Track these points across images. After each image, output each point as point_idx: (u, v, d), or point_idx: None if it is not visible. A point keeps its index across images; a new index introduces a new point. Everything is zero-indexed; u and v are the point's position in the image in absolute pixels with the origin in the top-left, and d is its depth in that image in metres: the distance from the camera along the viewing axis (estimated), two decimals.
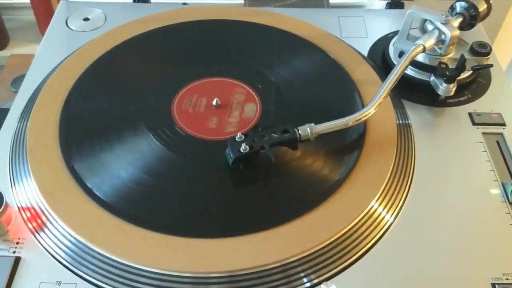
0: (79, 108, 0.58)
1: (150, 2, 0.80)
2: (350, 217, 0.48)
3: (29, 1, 1.16)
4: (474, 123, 0.59)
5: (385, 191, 0.51)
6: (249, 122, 0.57)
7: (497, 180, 0.53)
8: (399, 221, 0.50)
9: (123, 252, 0.45)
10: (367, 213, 0.49)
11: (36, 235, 0.48)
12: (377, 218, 0.49)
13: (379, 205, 0.50)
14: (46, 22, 0.73)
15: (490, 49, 0.62)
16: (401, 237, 0.49)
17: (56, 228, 0.47)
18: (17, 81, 0.84)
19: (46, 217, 0.48)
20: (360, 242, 0.48)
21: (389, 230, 0.49)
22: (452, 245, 0.48)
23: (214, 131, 0.55)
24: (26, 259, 0.46)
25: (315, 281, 0.45)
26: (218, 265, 0.45)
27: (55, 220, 0.48)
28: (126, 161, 0.52)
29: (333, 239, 0.47)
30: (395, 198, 0.51)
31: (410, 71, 0.62)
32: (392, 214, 0.50)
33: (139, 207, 0.49)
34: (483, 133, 0.58)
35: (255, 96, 0.59)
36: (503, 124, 0.59)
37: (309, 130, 0.51)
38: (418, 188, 0.53)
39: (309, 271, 0.45)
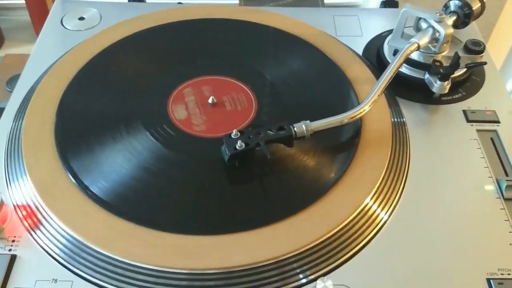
0: (74, 106, 0.57)
1: (145, 2, 0.80)
2: (345, 214, 0.48)
3: (24, 2, 1.16)
4: (468, 120, 0.59)
5: (379, 189, 0.51)
6: (244, 119, 0.57)
7: (491, 177, 0.54)
8: (394, 218, 0.50)
9: (119, 249, 0.45)
10: (361, 210, 0.49)
11: (32, 233, 0.48)
12: (372, 215, 0.49)
13: (374, 202, 0.50)
14: (41, 22, 0.72)
15: (484, 47, 0.62)
16: (396, 234, 0.49)
17: (52, 226, 0.47)
18: (12, 81, 0.84)
19: (42, 215, 0.48)
20: (355, 239, 0.48)
21: (384, 227, 0.49)
22: (447, 241, 0.49)
23: (210, 128, 0.55)
24: (22, 257, 0.46)
25: (311, 277, 0.45)
26: (214, 261, 0.45)
27: (50, 218, 0.48)
28: (122, 159, 0.52)
29: (328, 235, 0.47)
30: (390, 196, 0.51)
31: (404, 69, 0.62)
32: (387, 211, 0.50)
33: (135, 204, 0.49)
34: (477, 130, 0.58)
35: (251, 94, 0.60)
36: (497, 121, 0.59)
37: (304, 127, 0.51)
38: (412, 185, 0.53)
39: (305, 267, 0.45)
